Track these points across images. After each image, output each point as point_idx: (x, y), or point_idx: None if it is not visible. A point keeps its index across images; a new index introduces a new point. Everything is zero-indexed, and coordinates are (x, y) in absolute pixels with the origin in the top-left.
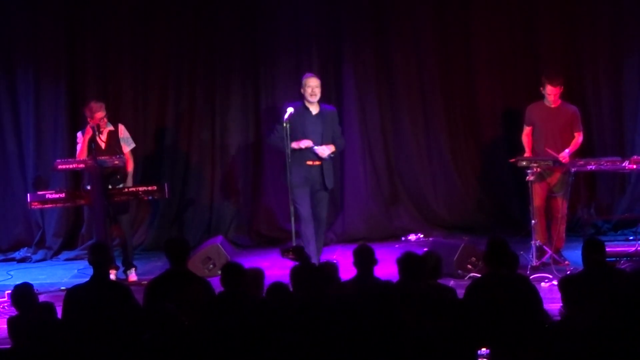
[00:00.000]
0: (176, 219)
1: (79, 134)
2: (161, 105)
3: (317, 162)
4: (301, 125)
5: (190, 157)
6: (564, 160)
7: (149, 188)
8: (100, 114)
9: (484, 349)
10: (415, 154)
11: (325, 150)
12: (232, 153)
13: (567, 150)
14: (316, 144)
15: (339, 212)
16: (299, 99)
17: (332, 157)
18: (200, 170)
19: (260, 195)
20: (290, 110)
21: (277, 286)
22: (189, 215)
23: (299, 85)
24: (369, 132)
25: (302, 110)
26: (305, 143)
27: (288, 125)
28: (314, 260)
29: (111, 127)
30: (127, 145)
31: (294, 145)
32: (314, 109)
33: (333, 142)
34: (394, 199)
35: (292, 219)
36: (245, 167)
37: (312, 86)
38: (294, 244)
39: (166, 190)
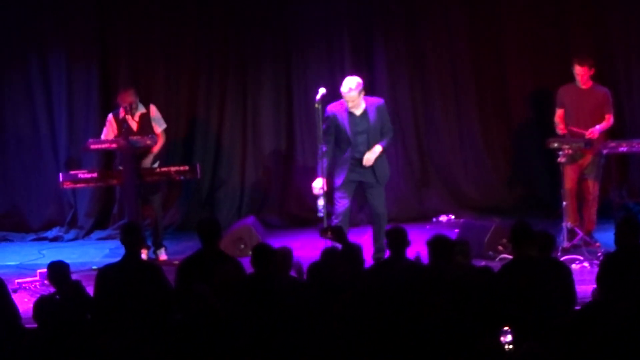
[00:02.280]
0: (208, 199)
1: (110, 116)
2: (193, 87)
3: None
4: (346, 127)
5: (221, 138)
6: (592, 136)
7: (181, 168)
8: (133, 105)
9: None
10: (446, 136)
11: (370, 159)
12: (263, 134)
13: (597, 127)
14: (363, 145)
15: None
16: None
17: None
18: (232, 150)
19: (291, 176)
20: (322, 91)
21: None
22: (221, 196)
23: (330, 68)
24: (400, 115)
25: (345, 112)
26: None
27: (320, 106)
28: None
29: (143, 110)
30: (159, 126)
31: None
32: (358, 110)
33: (381, 136)
34: (424, 181)
35: (324, 199)
36: (276, 147)
37: (348, 101)
38: (325, 225)
39: (198, 170)
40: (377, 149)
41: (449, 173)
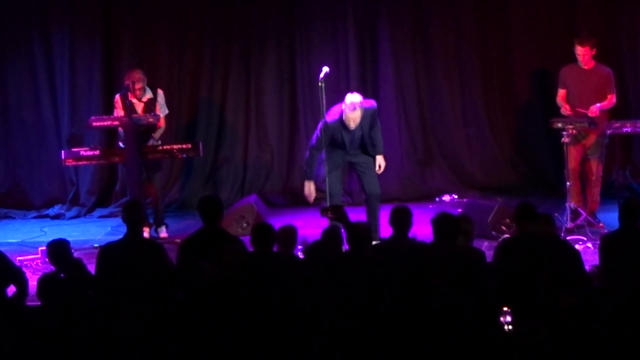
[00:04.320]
0: (210, 177)
1: (117, 97)
2: (196, 64)
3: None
4: (340, 138)
5: (225, 116)
6: (593, 114)
7: (183, 146)
8: (139, 85)
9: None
10: (450, 115)
11: (382, 168)
12: (266, 112)
13: (597, 105)
14: (356, 148)
15: None
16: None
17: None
18: (235, 128)
19: (295, 154)
20: (325, 69)
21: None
22: (223, 174)
23: (334, 47)
24: (404, 94)
25: (341, 126)
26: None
27: (323, 85)
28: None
29: (150, 95)
30: (161, 112)
31: None
32: (356, 124)
33: (372, 141)
34: (428, 160)
35: (327, 178)
36: (280, 126)
37: (352, 118)
38: (328, 204)
39: (200, 148)
40: (381, 162)
41: (453, 153)
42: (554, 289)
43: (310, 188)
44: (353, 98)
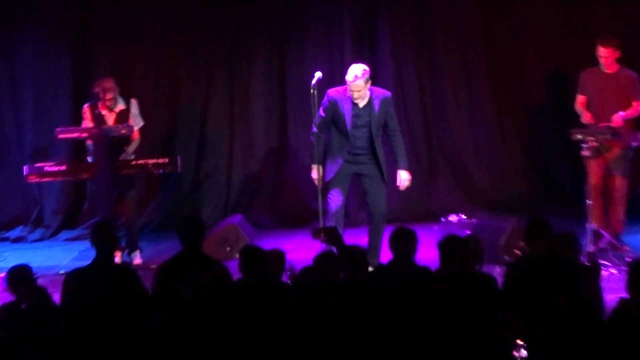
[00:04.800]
0: (190, 195)
1: (86, 107)
2: (175, 69)
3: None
4: (341, 113)
5: (206, 127)
6: (616, 125)
7: (160, 161)
8: (110, 95)
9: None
10: (456, 124)
11: (406, 182)
12: (253, 122)
13: (621, 113)
14: (362, 139)
15: None
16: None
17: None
18: (218, 141)
19: (284, 170)
20: (318, 74)
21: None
22: (205, 192)
23: (329, 50)
24: (406, 100)
25: (348, 102)
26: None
27: (316, 92)
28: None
29: (123, 106)
30: (135, 124)
31: None
32: (362, 101)
33: (385, 132)
34: (433, 174)
35: (319, 196)
36: (267, 138)
37: (354, 91)
38: (321, 224)
39: (179, 163)
40: (406, 176)
41: (460, 165)
42: (567, 325)
43: (317, 171)
44: (355, 67)
